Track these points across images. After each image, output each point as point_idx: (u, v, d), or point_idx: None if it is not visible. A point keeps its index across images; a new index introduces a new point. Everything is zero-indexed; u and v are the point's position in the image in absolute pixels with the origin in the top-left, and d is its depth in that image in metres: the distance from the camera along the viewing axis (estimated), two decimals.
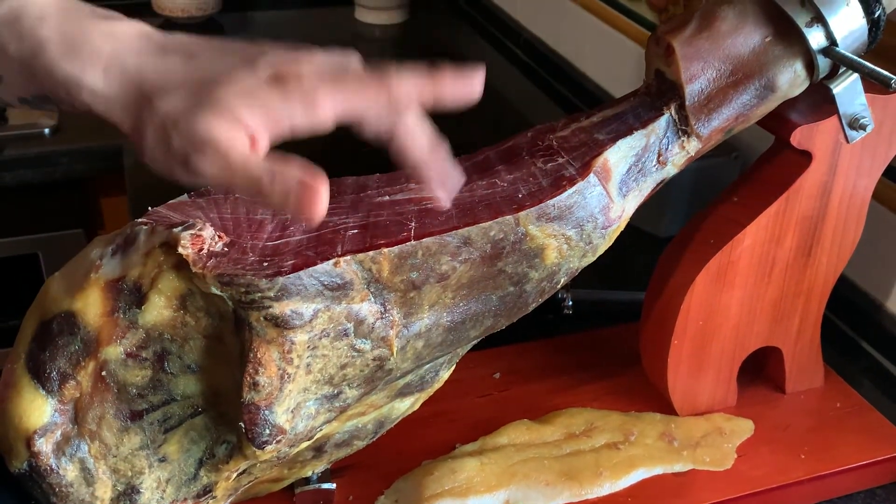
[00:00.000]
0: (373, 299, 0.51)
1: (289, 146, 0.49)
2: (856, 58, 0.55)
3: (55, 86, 0.46)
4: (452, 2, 1.71)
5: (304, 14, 1.68)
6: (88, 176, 1.21)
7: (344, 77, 0.45)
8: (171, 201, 0.52)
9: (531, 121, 0.55)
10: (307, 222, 0.44)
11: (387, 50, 1.60)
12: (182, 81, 0.45)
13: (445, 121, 0.53)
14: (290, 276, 0.47)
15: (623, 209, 0.57)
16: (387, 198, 0.54)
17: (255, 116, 0.43)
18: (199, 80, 0.45)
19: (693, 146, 0.58)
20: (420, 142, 0.46)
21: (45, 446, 0.50)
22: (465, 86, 0.47)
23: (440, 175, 0.47)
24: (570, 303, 0.84)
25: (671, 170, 0.58)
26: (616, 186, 0.56)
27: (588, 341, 0.79)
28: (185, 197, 0.53)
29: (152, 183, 0.53)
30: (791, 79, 0.57)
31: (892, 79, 0.53)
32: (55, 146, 1.19)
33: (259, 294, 0.47)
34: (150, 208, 0.51)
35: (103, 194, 1.26)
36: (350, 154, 1.16)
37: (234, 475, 0.53)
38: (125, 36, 0.47)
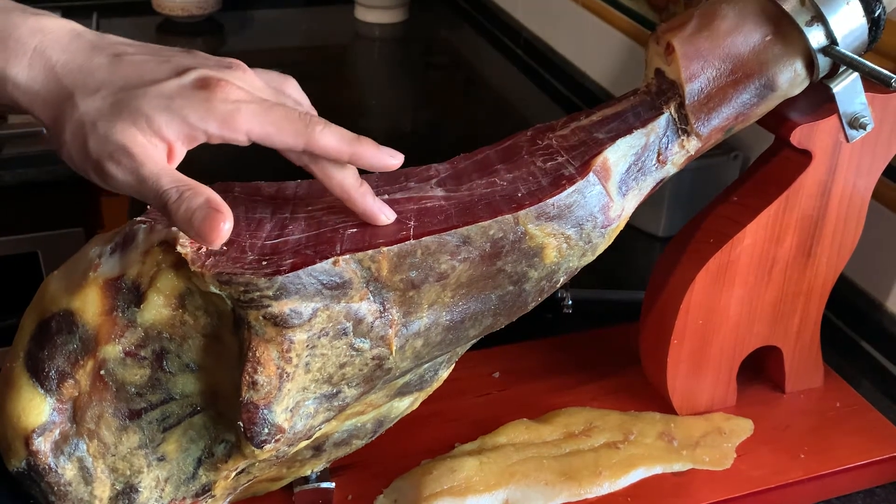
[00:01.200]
0: (372, 298, 0.51)
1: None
2: (856, 57, 0.55)
3: None
4: (452, 1, 1.71)
5: (303, 13, 1.68)
6: None
7: (270, 105, 0.46)
8: None
9: (531, 120, 0.55)
10: (207, 245, 0.44)
11: (386, 49, 1.60)
12: (105, 82, 0.46)
13: (446, 120, 0.53)
14: (289, 274, 0.47)
15: (623, 208, 0.57)
16: (386, 196, 0.54)
17: (172, 127, 0.45)
18: (123, 83, 0.46)
19: (693, 145, 0.58)
20: (336, 183, 0.49)
21: (43, 445, 0.50)
22: (383, 159, 0.49)
23: (364, 209, 0.50)
24: (570, 302, 0.84)
25: (671, 169, 0.58)
26: (616, 185, 0.56)
27: (587, 341, 0.79)
28: None
29: None
30: (791, 78, 0.57)
31: (893, 78, 0.53)
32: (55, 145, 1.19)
33: (258, 293, 0.47)
34: (148, 207, 0.51)
35: (103, 193, 1.25)
36: None
37: (233, 474, 0.53)
38: (54, 32, 0.47)
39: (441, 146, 1.07)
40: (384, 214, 0.51)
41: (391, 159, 0.49)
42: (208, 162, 1.20)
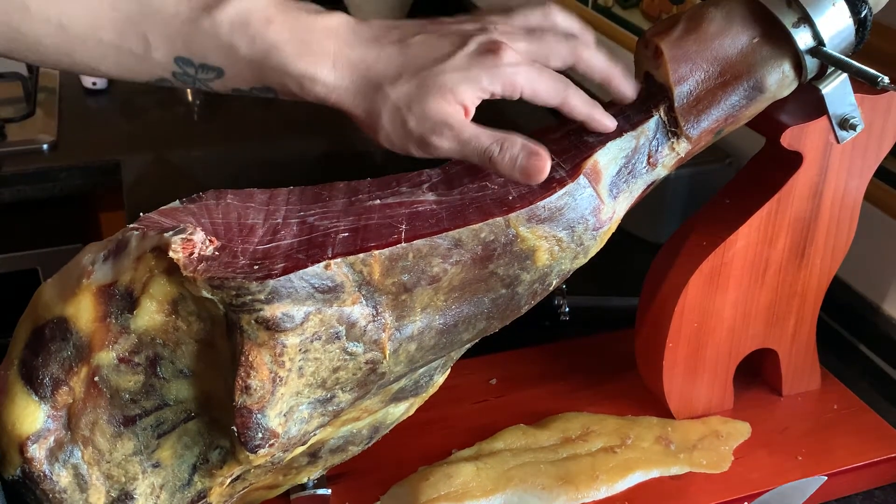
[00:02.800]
0: (364, 302, 0.51)
1: (287, 150, 0.50)
2: (843, 57, 0.56)
3: (287, 81, 0.52)
4: (448, 13, 1.72)
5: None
6: (87, 191, 1.22)
7: (540, 69, 0.54)
8: (162, 207, 0.52)
9: (526, 129, 0.56)
10: (535, 182, 0.52)
11: None
12: (403, 67, 0.52)
13: None
14: (281, 278, 0.47)
15: (614, 211, 0.57)
16: (377, 201, 0.54)
17: (471, 94, 0.51)
18: (419, 65, 0.52)
19: (683, 147, 0.58)
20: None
21: (38, 452, 0.50)
22: (603, 123, 0.57)
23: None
24: (567, 309, 0.84)
25: (661, 171, 0.59)
26: (606, 188, 0.56)
27: (584, 347, 0.79)
28: (176, 203, 0.53)
29: (150, 197, 0.53)
30: (779, 79, 0.58)
31: (880, 76, 0.54)
32: (54, 162, 1.20)
33: (250, 297, 0.47)
34: (141, 214, 0.51)
35: (102, 209, 1.27)
36: (343, 160, 1.17)
37: (229, 481, 0.53)
38: (341, 30, 0.54)
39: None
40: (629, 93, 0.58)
41: (611, 123, 0.57)
42: (203, 177, 1.21)
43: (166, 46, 0.52)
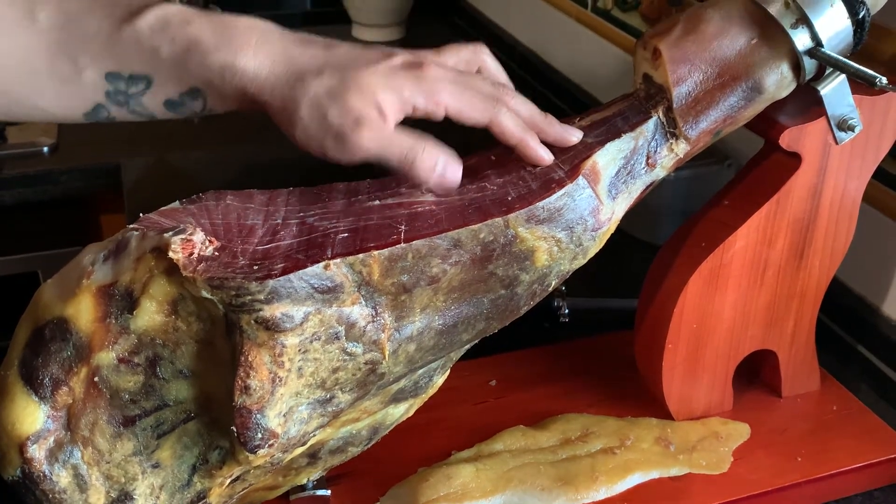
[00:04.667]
0: (364, 302, 0.51)
1: (287, 152, 0.51)
2: (841, 58, 0.56)
3: (209, 75, 0.52)
4: (448, 18, 1.72)
5: (301, 32, 1.69)
6: (87, 193, 1.22)
7: (465, 87, 0.53)
8: (162, 208, 0.53)
9: None
10: (447, 191, 0.53)
11: None
12: (327, 64, 0.52)
13: (443, 135, 0.54)
14: (280, 278, 0.47)
15: (613, 211, 0.57)
16: (377, 202, 0.54)
17: (391, 101, 0.51)
18: (343, 64, 0.52)
19: (681, 148, 0.58)
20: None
21: (38, 453, 0.50)
22: (539, 155, 0.55)
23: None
24: (567, 311, 0.84)
25: (660, 172, 0.59)
26: (605, 189, 0.57)
27: (584, 348, 0.79)
28: (176, 204, 0.53)
29: (151, 199, 0.54)
30: (778, 80, 0.58)
31: (878, 77, 0.54)
32: (54, 164, 1.20)
33: (249, 297, 0.47)
34: (141, 214, 0.51)
35: (102, 211, 1.27)
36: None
37: (228, 481, 0.53)
38: (265, 27, 0.54)
39: None
40: (573, 136, 0.57)
41: (547, 156, 0.56)
42: (203, 179, 1.21)
43: (95, 65, 0.53)
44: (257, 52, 0.52)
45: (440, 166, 0.52)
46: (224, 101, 0.54)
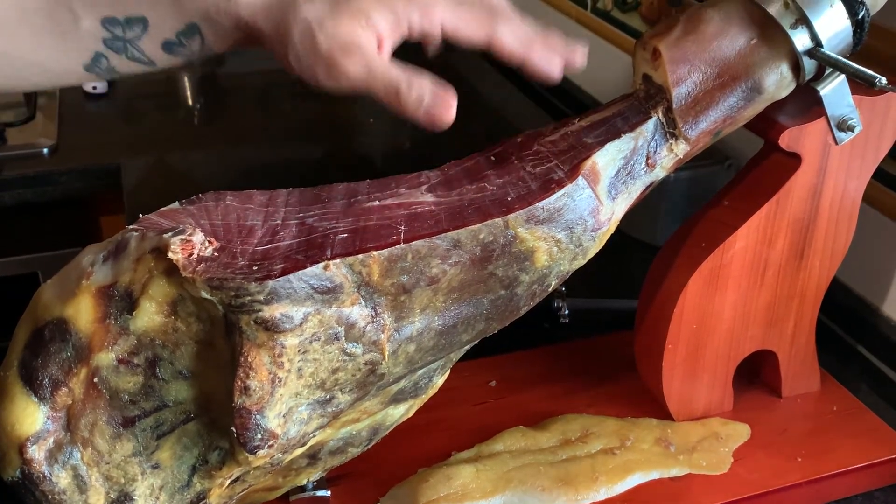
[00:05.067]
0: (363, 303, 0.51)
1: (287, 154, 0.50)
2: (840, 58, 0.56)
3: (205, 6, 0.52)
4: None
5: None
6: (87, 194, 1.22)
7: (461, 1, 0.52)
8: (162, 209, 0.52)
9: (522, 130, 0.56)
10: (437, 127, 0.51)
11: None
12: None
13: (444, 137, 0.54)
14: (280, 279, 0.47)
15: (612, 212, 0.57)
16: (377, 203, 0.54)
17: (386, 20, 0.50)
18: None
19: (681, 148, 0.58)
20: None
21: (37, 453, 0.50)
22: (551, 70, 0.54)
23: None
24: (567, 311, 0.84)
25: (660, 172, 0.59)
26: (605, 189, 0.57)
27: (584, 349, 0.79)
28: (176, 205, 0.53)
29: (150, 201, 0.54)
30: (777, 80, 0.58)
31: (877, 77, 0.54)
32: (54, 166, 1.20)
33: (249, 297, 0.47)
34: (141, 215, 0.51)
35: (102, 213, 1.27)
36: (343, 164, 1.17)
37: (228, 482, 0.53)
38: None
39: (439, 163, 1.08)
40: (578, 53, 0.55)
41: (556, 66, 0.54)
42: (203, 180, 1.21)
43: (92, 11, 0.53)
44: None
45: (427, 99, 0.51)
46: (221, 35, 0.54)
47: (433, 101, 0.51)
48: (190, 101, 1.44)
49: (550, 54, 0.54)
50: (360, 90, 0.51)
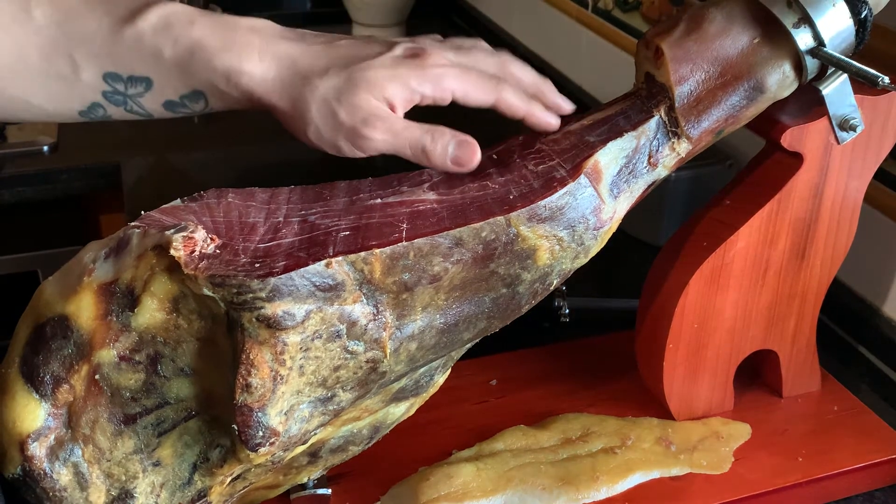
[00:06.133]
0: (365, 301, 0.51)
1: (288, 153, 0.50)
2: (843, 57, 0.56)
3: (214, 78, 0.52)
4: (448, 18, 1.72)
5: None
6: (87, 193, 1.22)
7: (467, 69, 0.54)
8: (164, 206, 0.52)
9: (521, 131, 0.56)
10: (467, 170, 0.54)
11: None
12: (330, 63, 0.52)
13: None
14: (282, 276, 0.47)
15: (615, 210, 0.57)
16: (378, 200, 0.54)
17: (398, 93, 0.52)
18: (346, 61, 0.52)
19: (683, 148, 0.58)
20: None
21: (38, 450, 0.50)
22: (548, 121, 0.57)
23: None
24: (567, 311, 0.84)
25: (662, 171, 0.59)
26: (607, 188, 0.57)
27: (584, 348, 0.79)
28: (178, 202, 0.53)
29: (151, 199, 0.54)
30: (780, 80, 0.58)
31: (880, 77, 0.54)
32: (54, 164, 1.20)
33: (251, 294, 0.47)
34: (143, 212, 0.51)
35: (102, 211, 1.27)
36: (344, 164, 1.17)
37: (229, 480, 0.53)
38: (265, 29, 0.54)
39: None
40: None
41: (554, 120, 0.58)
42: (203, 179, 1.21)
43: (93, 64, 0.52)
44: (262, 55, 0.52)
45: (451, 148, 0.53)
46: (226, 102, 0.54)
47: (458, 149, 0.53)
48: None
49: (547, 112, 0.57)
50: (387, 153, 0.53)
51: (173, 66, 0.52)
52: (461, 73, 0.54)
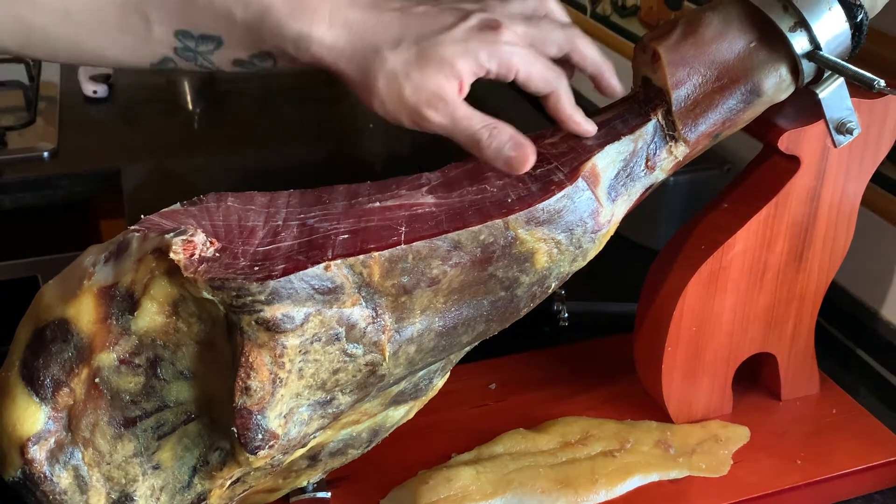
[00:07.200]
0: (364, 304, 0.51)
1: (287, 158, 0.50)
2: (839, 61, 0.56)
3: (283, 43, 0.53)
4: None
5: None
6: (87, 199, 1.22)
7: (535, 55, 0.54)
8: (163, 210, 0.53)
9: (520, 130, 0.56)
10: (515, 173, 0.54)
11: None
12: (403, 34, 0.52)
13: (445, 142, 0.55)
14: (281, 279, 0.47)
15: (612, 214, 0.57)
16: (377, 204, 0.54)
17: (468, 68, 0.52)
18: (419, 33, 0.52)
19: (681, 151, 0.58)
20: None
21: (38, 454, 0.50)
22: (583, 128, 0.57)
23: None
24: (566, 315, 0.85)
25: (659, 175, 0.59)
26: (605, 191, 0.57)
27: (583, 352, 0.79)
28: (177, 206, 0.53)
29: (150, 205, 0.54)
30: (776, 83, 0.58)
31: (876, 80, 0.54)
32: (54, 170, 1.20)
33: (250, 297, 0.47)
34: (142, 216, 0.52)
35: (102, 217, 1.27)
36: (343, 168, 1.17)
37: (228, 483, 0.53)
38: None
39: (439, 165, 1.08)
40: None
41: (590, 128, 0.57)
42: (203, 184, 1.21)
43: (166, 22, 0.53)
44: (332, 22, 0.52)
45: (507, 149, 0.53)
46: (295, 65, 0.54)
47: (514, 151, 0.53)
48: (190, 106, 1.44)
49: (585, 121, 0.57)
50: (444, 134, 0.53)
51: (243, 28, 0.53)
52: (530, 56, 0.53)
